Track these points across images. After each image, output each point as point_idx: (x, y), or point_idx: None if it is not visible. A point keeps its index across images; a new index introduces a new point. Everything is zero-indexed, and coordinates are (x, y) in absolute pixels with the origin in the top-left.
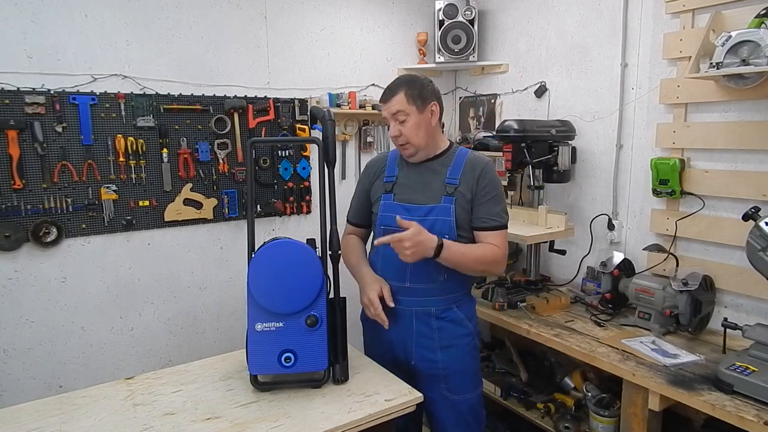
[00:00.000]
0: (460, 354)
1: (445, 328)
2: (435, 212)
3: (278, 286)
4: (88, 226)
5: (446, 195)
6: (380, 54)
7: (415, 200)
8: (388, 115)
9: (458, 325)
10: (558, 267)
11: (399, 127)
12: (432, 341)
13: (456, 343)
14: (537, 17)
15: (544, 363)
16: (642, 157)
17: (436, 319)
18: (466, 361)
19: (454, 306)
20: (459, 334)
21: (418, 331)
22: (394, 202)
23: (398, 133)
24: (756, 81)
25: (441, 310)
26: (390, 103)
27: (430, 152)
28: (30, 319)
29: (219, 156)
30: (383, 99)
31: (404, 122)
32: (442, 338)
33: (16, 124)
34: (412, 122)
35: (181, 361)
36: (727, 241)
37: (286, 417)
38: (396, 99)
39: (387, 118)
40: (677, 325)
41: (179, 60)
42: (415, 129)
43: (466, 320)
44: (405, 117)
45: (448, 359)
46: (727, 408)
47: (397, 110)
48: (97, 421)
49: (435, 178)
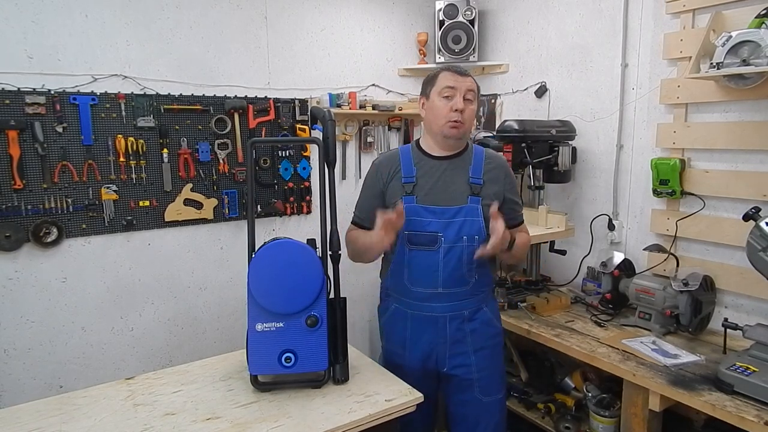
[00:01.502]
0: (490, 355)
1: (477, 330)
2: (463, 213)
3: (278, 287)
4: (88, 227)
5: (472, 195)
6: (380, 54)
7: (440, 202)
8: (463, 88)
9: (488, 325)
10: (558, 267)
11: (465, 104)
12: (465, 346)
13: (487, 344)
14: (537, 17)
15: (545, 363)
16: (642, 157)
17: (469, 321)
18: (496, 361)
19: (484, 306)
20: (490, 335)
21: (452, 337)
22: (417, 204)
23: (464, 108)
24: (756, 81)
25: (473, 312)
26: (466, 79)
27: (460, 145)
28: (30, 319)
29: (219, 156)
30: (458, 72)
31: (470, 102)
32: (475, 341)
33: (17, 124)
34: (474, 107)
35: (182, 361)
36: (728, 241)
37: (287, 417)
38: (471, 80)
39: (457, 89)
40: (678, 326)
41: (179, 60)
42: (473, 115)
43: (495, 320)
44: (473, 98)
45: (480, 362)
46: (728, 408)
47: (470, 88)
48: (97, 421)
49: (457, 178)
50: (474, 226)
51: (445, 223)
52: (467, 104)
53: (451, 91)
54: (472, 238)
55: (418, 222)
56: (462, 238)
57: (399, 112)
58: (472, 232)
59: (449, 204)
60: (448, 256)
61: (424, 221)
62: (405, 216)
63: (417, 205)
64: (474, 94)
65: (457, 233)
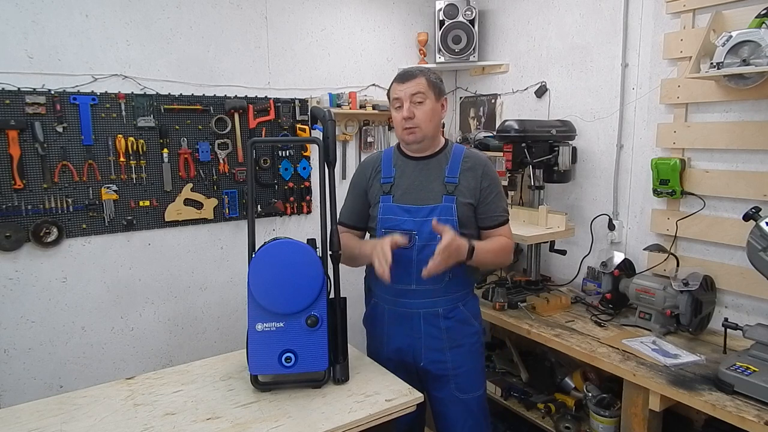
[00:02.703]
0: (468, 353)
1: (452, 327)
2: (437, 212)
3: (279, 286)
4: (88, 226)
5: (447, 194)
6: (381, 54)
7: (415, 201)
8: (405, 95)
9: (465, 324)
10: (558, 267)
11: (413, 108)
12: (441, 342)
13: (464, 342)
14: (537, 17)
15: (545, 363)
16: (642, 157)
17: (444, 319)
18: (474, 359)
19: (461, 304)
20: (466, 333)
21: (426, 332)
22: (393, 204)
23: (412, 114)
24: (756, 81)
25: (448, 309)
26: (409, 84)
27: (431, 146)
28: (30, 319)
29: (219, 156)
30: (401, 79)
31: (420, 104)
32: (451, 338)
33: (17, 124)
34: (428, 107)
35: (182, 361)
36: (728, 241)
37: (287, 417)
38: (417, 80)
39: (401, 98)
40: (678, 326)
41: (180, 60)
42: (429, 114)
43: (472, 318)
44: (423, 99)
45: (456, 359)
46: (728, 408)
47: (416, 91)
48: (97, 421)
49: (433, 177)
50: (447, 225)
51: (419, 221)
52: (418, 107)
53: (398, 101)
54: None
55: (394, 220)
56: (436, 237)
57: None
58: None
59: (424, 203)
60: (422, 254)
61: (399, 219)
62: (380, 214)
63: (393, 204)
64: (423, 94)
65: (431, 231)
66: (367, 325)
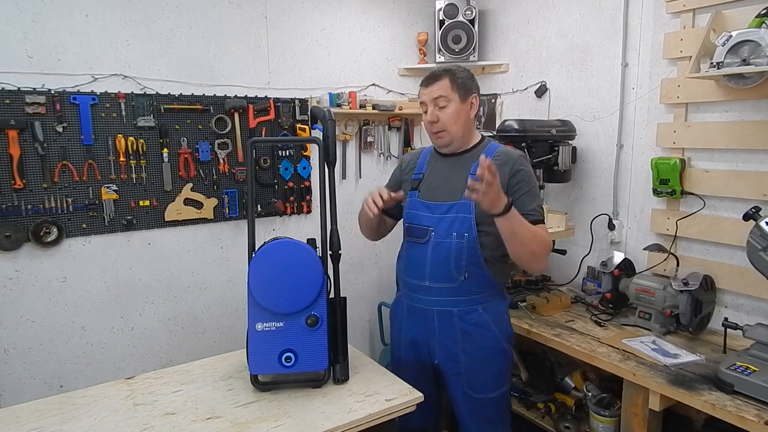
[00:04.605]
0: (484, 357)
1: (468, 330)
2: (455, 209)
3: (279, 286)
4: (88, 226)
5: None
6: (381, 54)
7: (436, 197)
8: (429, 99)
9: (482, 328)
10: (558, 267)
11: (437, 112)
12: (455, 343)
13: (479, 346)
14: (537, 17)
15: (545, 363)
16: (642, 156)
17: (459, 320)
18: (490, 362)
19: (480, 307)
20: (484, 338)
21: (441, 330)
22: (417, 199)
23: (436, 118)
24: (756, 81)
25: (464, 311)
26: (432, 87)
27: (462, 145)
28: (30, 318)
29: (219, 156)
30: (425, 83)
31: (444, 108)
32: (465, 341)
33: (17, 123)
34: (452, 109)
35: (182, 360)
36: (728, 241)
37: (287, 417)
38: (440, 84)
39: (426, 102)
40: (678, 325)
41: (180, 60)
42: (454, 117)
43: (491, 323)
44: (446, 103)
45: (470, 361)
46: (728, 408)
47: (439, 95)
48: (97, 420)
49: (459, 174)
50: (464, 223)
51: (437, 218)
52: (441, 110)
53: (424, 106)
54: (461, 235)
55: (415, 215)
56: (452, 235)
57: (399, 112)
58: (462, 230)
59: (444, 200)
60: (436, 251)
61: (420, 215)
62: (406, 209)
63: (417, 200)
64: (446, 97)
65: (447, 229)
66: (390, 316)
